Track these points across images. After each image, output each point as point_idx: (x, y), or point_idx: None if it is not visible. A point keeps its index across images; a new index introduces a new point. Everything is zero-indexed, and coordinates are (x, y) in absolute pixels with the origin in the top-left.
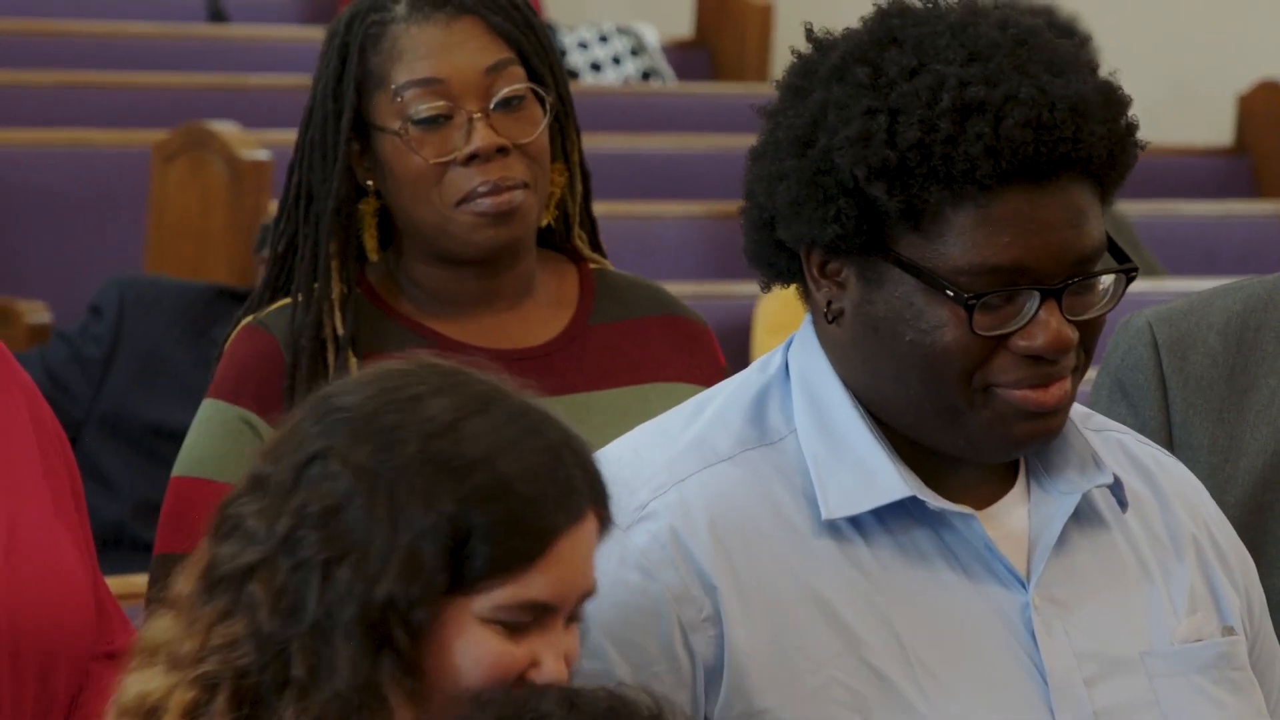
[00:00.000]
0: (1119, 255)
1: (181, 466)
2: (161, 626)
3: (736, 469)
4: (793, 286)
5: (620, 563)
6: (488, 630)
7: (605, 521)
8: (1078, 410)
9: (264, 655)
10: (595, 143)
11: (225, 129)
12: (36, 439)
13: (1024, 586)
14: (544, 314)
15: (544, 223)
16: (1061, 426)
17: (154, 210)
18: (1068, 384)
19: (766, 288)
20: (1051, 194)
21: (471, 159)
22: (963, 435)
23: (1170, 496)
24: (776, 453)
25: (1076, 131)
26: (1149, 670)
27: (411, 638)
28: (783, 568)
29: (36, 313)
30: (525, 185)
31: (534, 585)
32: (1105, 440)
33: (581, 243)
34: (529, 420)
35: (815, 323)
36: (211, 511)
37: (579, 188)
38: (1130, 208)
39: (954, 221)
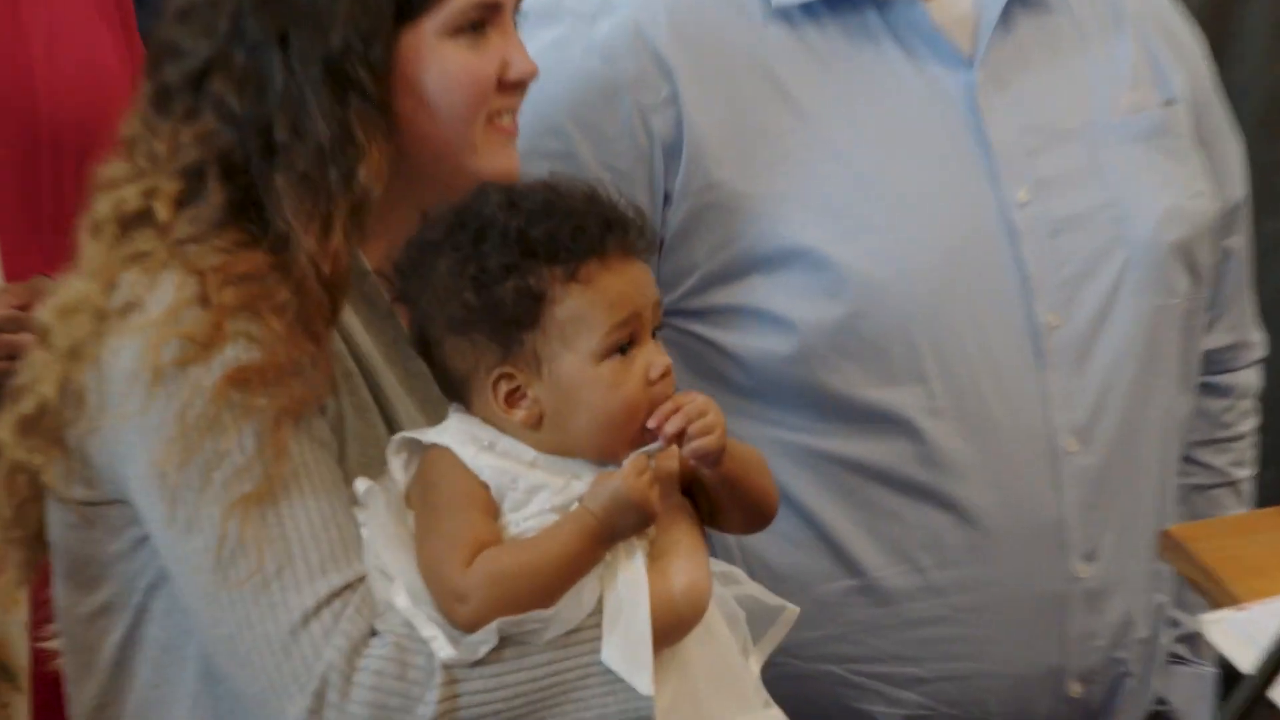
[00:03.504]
0: None
1: None
2: (117, 165)
3: None
4: None
5: (584, 52)
6: (450, 45)
7: None
8: None
9: (244, 133)
10: None
11: None
12: None
13: (969, 66)
14: None
15: None
16: None
17: None
18: None
19: None
20: None
21: None
22: None
23: None
24: None
25: None
26: (1090, 140)
27: (374, 75)
28: (738, 51)
29: None
30: None
31: None
32: None
33: None
34: None
35: None
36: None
37: None
38: None
39: None
